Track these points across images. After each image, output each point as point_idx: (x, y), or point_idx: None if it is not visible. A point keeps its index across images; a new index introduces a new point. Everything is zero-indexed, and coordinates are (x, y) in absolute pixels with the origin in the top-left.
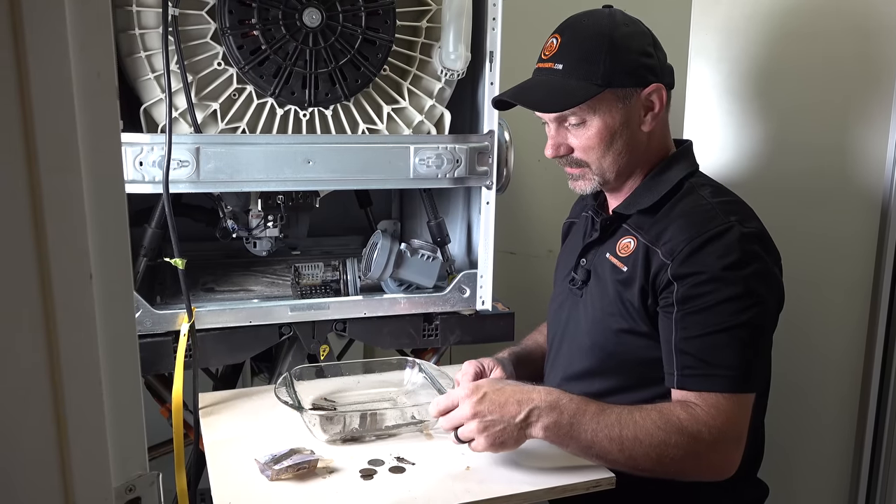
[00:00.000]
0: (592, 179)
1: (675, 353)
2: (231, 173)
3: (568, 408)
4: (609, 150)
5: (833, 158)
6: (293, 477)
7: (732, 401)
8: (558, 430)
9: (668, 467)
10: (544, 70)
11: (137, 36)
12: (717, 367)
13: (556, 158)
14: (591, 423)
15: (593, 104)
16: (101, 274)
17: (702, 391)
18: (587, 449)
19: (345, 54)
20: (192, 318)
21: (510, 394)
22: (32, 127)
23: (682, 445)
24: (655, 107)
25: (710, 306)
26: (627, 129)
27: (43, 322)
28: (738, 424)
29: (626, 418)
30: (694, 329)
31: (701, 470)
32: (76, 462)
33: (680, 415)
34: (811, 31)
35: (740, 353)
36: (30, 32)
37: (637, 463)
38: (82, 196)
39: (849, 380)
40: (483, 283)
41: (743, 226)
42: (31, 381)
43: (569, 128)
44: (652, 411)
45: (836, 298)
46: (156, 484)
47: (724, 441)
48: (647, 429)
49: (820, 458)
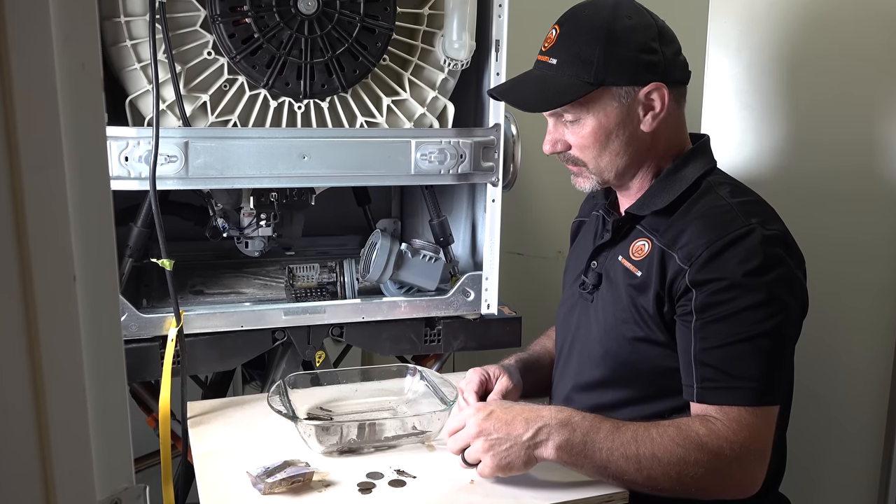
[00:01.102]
0: (591, 178)
1: (694, 364)
2: (221, 169)
3: (581, 425)
4: (605, 150)
5: (859, 156)
6: (287, 490)
7: (755, 414)
8: (571, 448)
9: (689, 486)
10: (541, 63)
11: (123, 24)
12: (739, 379)
13: (554, 154)
14: (606, 442)
15: (587, 102)
16: (86, 275)
17: (723, 405)
18: (603, 469)
19: (342, 43)
20: (180, 322)
21: (518, 412)
22: (14, 121)
23: (702, 463)
24: (656, 107)
25: (731, 314)
26: (624, 128)
27: (24, 326)
28: (761, 439)
29: (643, 435)
30: (714, 339)
31: (724, 488)
32: (59, 474)
33: (700, 430)
34: (837, 20)
35: (763, 364)
36: (11, 22)
37: (656, 483)
38: (66, 193)
39: (875, 390)
40: (488, 286)
41: (765, 228)
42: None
43: (566, 124)
44: (670, 427)
45: (861, 304)
46: (142, 497)
47: (746, 457)
48: (666, 446)
49: (844, 473)
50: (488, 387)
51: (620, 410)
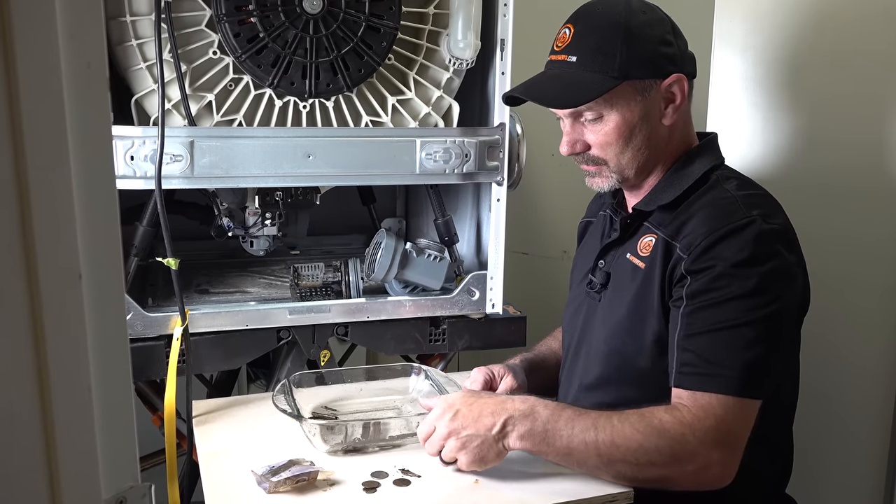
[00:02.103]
0: (610, 177)
1: (676, 349)
2: (227, 168)
3: (542, 414)
4: (628, 146)
5: (867, 154)
6: (292, 489)
7: (728, 404)
8: (532, 437)
9: (650, 474)
10: (557, 63)
11: (129, 23)
12: (718, 367)
13: (573, 156)
14: (566, 429)
15: (610, 98)
16: (91, 274)
17: (696, 391)
18: (566, 456)
19: (347, 42)
20: (185, 321)
21: (484, 406)
22: (20, 120)
23: (663, 450)
24: (677, 98)
25: (718, 302)
26: (647, 123)
27: (30, 324)
28: (731, 431)
29: (603, 422)
30: (698, 325)
31: (687, 476)
32: (64, 472)
33: (663, 417)
34: (845, 17)
35: (744, 355)
36: (17, 20)
37: (618, 470)
38: (71, 192)
39: (882, 392)
40: (493, 286)
41: (766, 221)
42: (17, 386)
43: (585, 123)
44: (632, 415)
45: (868, 304)
46: (147, 496)
47: (711, 446)
48: (625, 432)
49: (851, 474)
50: (493, 386)
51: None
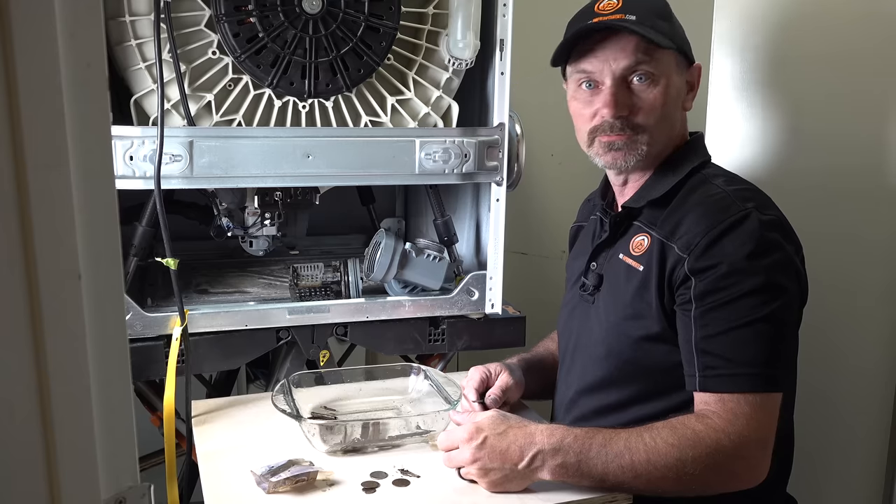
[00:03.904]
0: (639, 150)
1: (695, 352)
2: (226, 168)
3: (573, 447)
4: (664, 118)
5: (866, 154)
6: (291, 490)
7: (755, 402)
8: (566, 470)
9: (690, 485)
10: (610, 22)
11: (128, 23)
12: (741, 366)
13: (609, 121)
14: (600, 457)
15: (668, 60)
16: (91, 274)
17: (724, 393)
18: (602, 482)
19: (346, 42)
20: (184, 321)
21: (512, 439)
22: (19, 120)
23: (701, 459)
24: (695, 87)
25: (731, 300)
26: (678, 101)
27: (29, 324)
28: (762, 428)
29: (636, 442)
30: (715, 326)
31: (727, 481)
32: (64, 472)
33: (695, 427)
34: (843, 16)
35: (764, 350)
36: (17, 20)
37: (657, 486)
38: (71, 192)
39: (881, 391)
40: (493, 286)
41: (761, 213)
42: (16, 387)
43: (632, 85)
44: (664, 429)
45: (867, 304)
46: (147, 496)
47: (746, 447)
48: (660, 449)
49: (851, 474)
50: (489, 384)
51: (627, 410)
